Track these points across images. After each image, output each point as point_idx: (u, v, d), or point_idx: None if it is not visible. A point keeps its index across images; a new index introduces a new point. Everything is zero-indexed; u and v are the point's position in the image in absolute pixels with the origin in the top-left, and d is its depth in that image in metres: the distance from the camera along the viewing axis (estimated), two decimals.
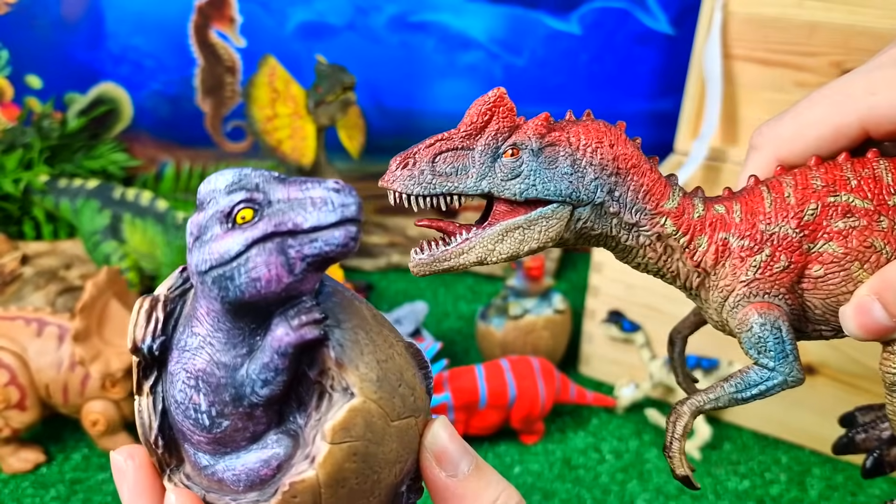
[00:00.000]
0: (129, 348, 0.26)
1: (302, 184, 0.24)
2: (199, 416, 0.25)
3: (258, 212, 0.24)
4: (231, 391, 0.25)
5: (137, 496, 0.27)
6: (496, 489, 0.27)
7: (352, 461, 0.24)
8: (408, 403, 0.26)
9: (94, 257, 0.82)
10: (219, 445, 0.26)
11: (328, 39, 0.99)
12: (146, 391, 0.27)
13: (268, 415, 0.25)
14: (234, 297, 0.24)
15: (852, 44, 0.78)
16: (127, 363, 0.61)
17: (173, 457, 0.27)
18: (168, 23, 0.98)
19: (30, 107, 0.99)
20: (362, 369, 0.25)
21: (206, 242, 0.24)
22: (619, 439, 0.70)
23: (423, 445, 0.27)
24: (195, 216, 0.25)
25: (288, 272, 0.23)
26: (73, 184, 0.86)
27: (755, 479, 0.66)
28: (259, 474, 0.25)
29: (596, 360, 0.78)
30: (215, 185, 0.24)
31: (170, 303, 0.27)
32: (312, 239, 0.23)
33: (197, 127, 1.03)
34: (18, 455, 0.65)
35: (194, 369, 0.25)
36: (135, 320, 0.26)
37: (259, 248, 0.23)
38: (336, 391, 0.25)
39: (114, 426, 0.63)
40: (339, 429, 0.24)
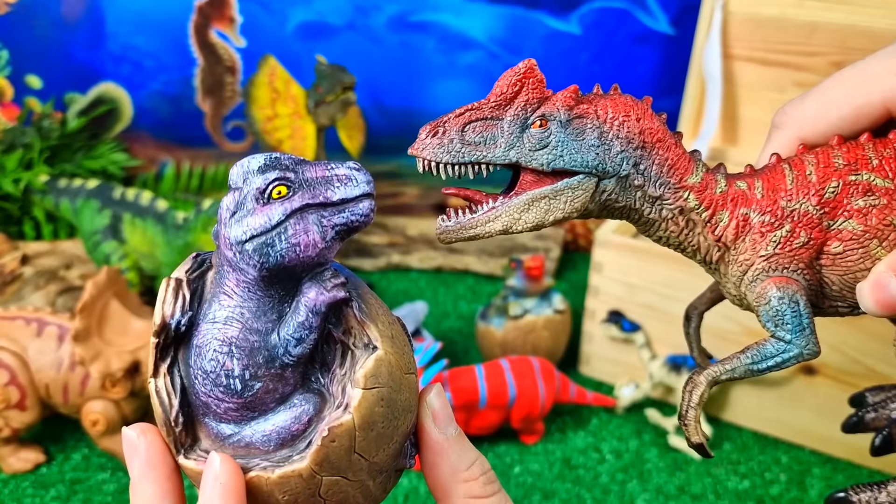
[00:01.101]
0: (156, 327, 0.27)
1: (326, 164, 0.28)
2: (231, 381, 0.27)
3: (291, 188, 0.27)
4: (264, 353, 0.27)
5: (149, 471, 0.28)
6: (475, 452, 0.31)
7: (380, 405, 0.27)
8: (410, 361, 0.29)
9: (94, 257, 0.82)
10: (247, 410, 0.28)
11: (328, 39, 0.99)
12: (163, 373, 0.28)
13: (295, 376, 0.28)
14: (275, 262, 0.26)
15: (852, 44, 0.78)
16: (127, 363, 0.61)
17: (188, 436, 0.29)
18: (168, 23, 0.98)
19: (30, 107, 0.99)
20: (380, 326, 0.28)
21: (244, 216, 0.26)
22: (619, 439, 0.70)
23: (424, 403, 0.30)
24: (229, 196, 0.27)
25: (322, 238, 0.27)
26: (73, 184, 0.86)
27: (755, 479, 0.66)
28: (290, 431, 0.27)
29: (596, 360, 0.78)
30: (248, 167, 0.27)
31: (192, 283, 0.29)
32: (340, 210, 0.27)
33: (197, 127, 1.03)
34: (18, 455, 0.65)
35: (226, 337, 0.27)
36: (163, 298, 0.28)
37: (296, 217, 0.26)
38: (358, 348, 0.28)
39: (114, 426, 0.63)
40: (370, 375, 0.27)
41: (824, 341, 0.66)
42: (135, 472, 0.28)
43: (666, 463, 0.68)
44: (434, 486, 0.30)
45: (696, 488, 0.65)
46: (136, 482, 0.28)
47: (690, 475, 0.66)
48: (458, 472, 0.30)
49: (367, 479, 0.28)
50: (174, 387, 0.28)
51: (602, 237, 0.74)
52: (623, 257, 0.73)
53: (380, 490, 0.29)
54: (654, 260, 0.71)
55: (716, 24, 0.84)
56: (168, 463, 0.28)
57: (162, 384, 0.28)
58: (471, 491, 0.30)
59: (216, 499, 0.26)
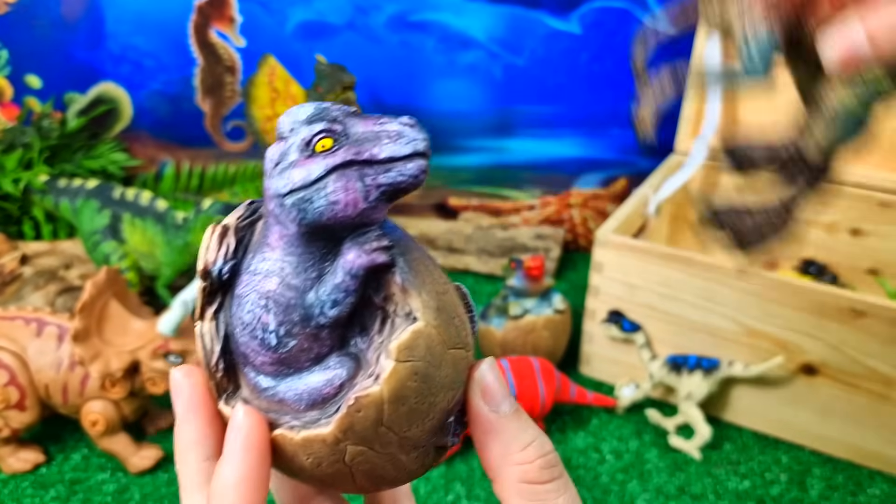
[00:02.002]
0: (199, 272, 0.27)
1: (378, 119, 0.26)
2: (266, 335, 0.26)
3: (337, 141, 0.25)
4: (300, 311, 0.26)
5: (191, 411, 0.28)
6: (532, 433, 0.28)
7: (413, 380, 0.25)
8: (461, 336, 0.27)
9: (93, 257, 0.82)
10: (282, 366, 0.27)
11: (328, 39, 0.99)
12: (209, 316, 0.28)
13: (332, 337, 0.27)
14: (312, 219, 0.25)
15: None
16: (126, 363, 0.61)
17: (231, 382, 0.28)
18: (168, 22, 0.98)
19: (29, 106, 0.99)
20: (424, 297, 0.26)
21: (287, 168, 0.25)
22: (619, 439, 0.70)
23: (473, 379, 0.28)
24: (275, 146, 0.26)
25: (363, 198, 0.25)
26: (72, 183, 0.86)
27: (755, 479, 0.66)
28: (321, 393, 0.26)
29: (596, 360, 0.78)
30: (296, 116, 0.26)
31: (240, 231, 0.28)
32: (387, 169, 0.25)
33: (197, 127, 1.03)
34: (18, 455, 0.65)
35: (265, 291, 0.26)
36: (207, 244, 0.27)
37: (338, 174, 0.25)
38: (399, 316, 0.26)
39: (113, 426, 0.63)
40: (404, 348, 0.25)
41: (825, 341, 0.66)
42: (178, 411, 0.28)
43: (666, 463, 0.67)
44: (486, 467, 0.28)
45: (696, 488, 0.65)
46: (178, 424, 0.29)
47: (691, 475, 0.66)
48: (510, 453, 0.28)
49: (399, 452, 0.27)
50: (217, 332, 0.28)
51: (602, 237, 0.74)
52: (623, 257, 0.73)
53: (416, 465, 0.28)
54: (655, 260, 0.71)
55: None
56: (209, 407, 0.28)
57: (206, 328, 0.28)
58: (525, 475, 0.27)
59: (236, 449, 0.26)
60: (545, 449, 0.28)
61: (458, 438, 0.29)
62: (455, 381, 0.27)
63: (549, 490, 0.27)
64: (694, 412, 0.69)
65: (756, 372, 0.68)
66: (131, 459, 0.64)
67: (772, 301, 0.66)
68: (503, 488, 0.28)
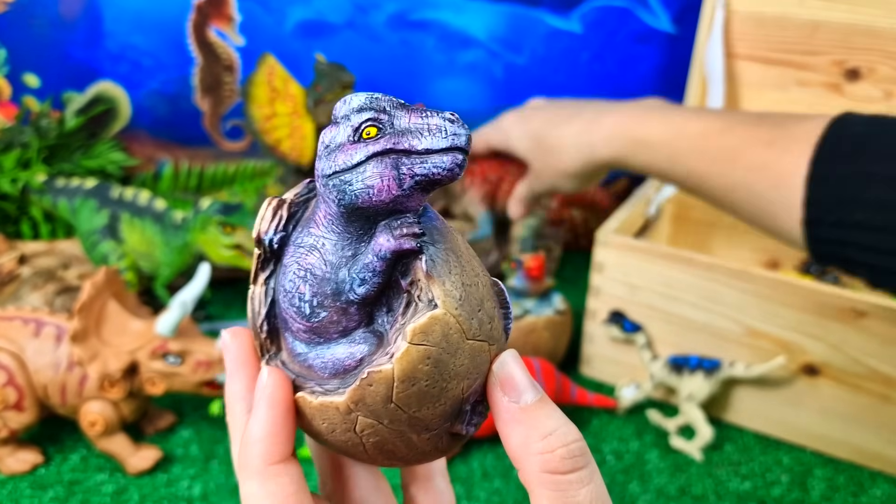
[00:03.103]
0: (253, 239, 0.29)
1: (423, 112, 0.27)
2: (302, 304, 0.28)
3: (381, 130, 0.27)
4: (332, 286, 0.28)
5: (236, 369, 0.31)
6: (556, 422, 0.28)
7: (425, 363, 0.26)
8: (484, 329, 0.28)
9: (92, 257, 0.82)
10: (314, 335, 0.29)
11: (327, 38, 0.99)
12: (261, 282, 0.30)
13: (360, 314, 0.28)
14: (349, 201, 0.27)
15: (854, 43, 0.77)
16: (125, 363, 0.61)
17: (274, 344, 0.31)
18: (166, 21, 0.97)
19: (27, 106, 0.99)
20: (448, 286, 0.27)
21: (334, 151, 0.27)
22: (620, 440, 0.70)
23: (492, 370, 0.29)
24: (329, 129, 0.28)
25: (398, 186, 0.26)
26: (70, 183, 0.86)
27: (757, 480, 0.66)
28: (343, 364, 0.28)
29: (597, 361, 0.78)
30: (350, 104, 0.28)
31: (294, 206, 0.30)
32: (423, 160, 0.26)
33: (195, 126, 1.03)
34: (16, 456, 0.64)
35: (305, 263, 0.28)
36: (262, 215, 0.29)
37: (377, 161, 0.26)
38: (422, 301, 0.27)
39: (112, 427, 0.63)
40: (419, 331, 0.26)
41: (826, 342, 0.66)
42: (227, 369, 0.31)
43: (667, 464, 0.67)
44: (510, 457, 0.29)
45: (697, 489, 0.65)
46: (227, 379, 0.32)
47: (692, 476, 0.66)
48: (530, 442, 0.27)
49: (409, 431, 0.28)
50: (265, 297, 0.30)
51: (603, 237, 0.74)
52: (624, 257, 0.72)
53: (428, 446, 0.29)
54: (656, 260, 0.71)
55: (717, 23, 0.84)
56: (254, 364, 0.31)
57: (257, 293, 0.30)
58: (547, 465, 0.27)
59: (262, 406, 0.28)
60: (568, 438, 0.27)
61: (474, 428, 0.30)
62: (471, 371, 0.28)
63: (571, 480, 0.27)
64: (695, 413, 0.69)
65: (757, 372, 0.67)
66: (130, 460, 0.64)
67: (773, 301, 0.66)
68: (526, 477, 0.28)
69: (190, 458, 0.67)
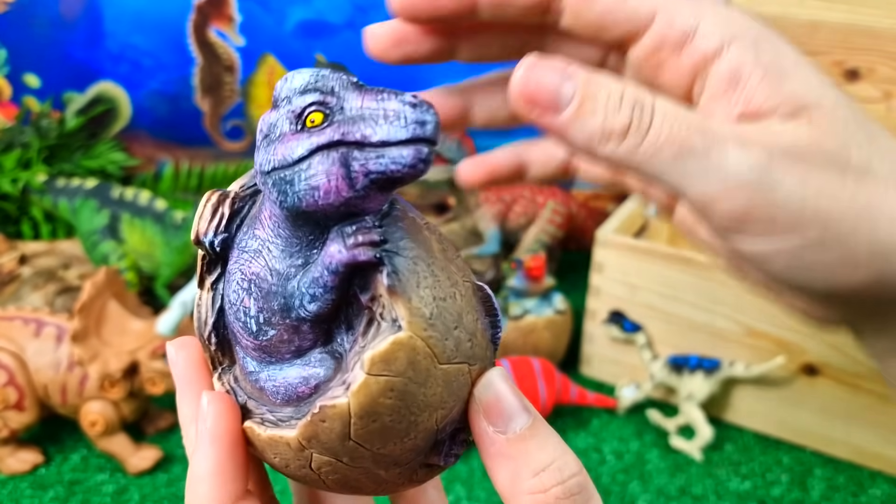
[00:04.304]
0: (192, 240, 0.26)
1: (378, 94, 0.22)
2: (247, 319, 0.24)
3: (328, 117, 0.22)
4: (280, 300, 0.24)
5: (187, 385, 0.27)
6: (551, 453, 0.24)
7: (387, 396, 0.22)
8: (462, 348, 0.24)
9: (92, 257, 0.82)
10: (264, 353, 0.25)
11: (328, 38, 0.99)
12: (207, 286, 0.26)
13: (315, 332, 0.24)
14: (292, 203, 0.22)
15: (854, 43, 0.77)
16: (125, 363, 0.61)
17: (226, 356, 0.27)
18: (167, 22, 0.98)
19: (28, 106, 0.99)
20: (415, 302, 0.23)
21: (273, 142, 0.23)
22: (620, 440, 0.70)
23: (473, 394, 0.24)
24: (267, 114, 0.24)
25: (348, 186, 0.22)
26: (71, 183, 0.86)
27: (756, 479, 0.66)
28: (297, 391, 0.24)
29: (597, 361, 0.78)
30: (291, 83, 0.23)
31: (239, 200, 0.26)
32: (379, 154, 0.22)
33: (196, 126, 1.03)
34: (17, 456, 0.64)
35: (249, 272, 0.24)
36: (200, 213, 0.25)
37: (322, 155, 0.22)
38: (385, 320, 0.23)
39: (112, 427, 0.63)
40: (379, 360, 0.22)
41: (826, 341, 0.65)
42: (177, 388, 0.27)
43: (667, 464, 0.67)
44: (499, 492, 0.24)
45: (697, 489, 0.65)
46: (178, 400, 0.27)
47: (692, 476, 0.66)
48: (520, 480, 0.23)
49: (374, 468, 0.24)
50: (213, 304, 0.26)
51: (603, 237, 0.74)
52: (624, 257, 0.72)
53: (400, 479, 0.25)
54: (656, 260, 0.71)
55: None
56: (205, 380, 0.27)
57: (203, 299, 0.26)
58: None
59: (204, 440, 0.24)
60: (565, 473, 0.24)
61: (454, 458, 0.26)
62: (446, 399, 0.24)
63: None
64: (695, 413, 0.69)
65: (757, 372, 0.67)
66: (130, 460, 0.64)
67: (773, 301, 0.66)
68: None
69: None
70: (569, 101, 0.25)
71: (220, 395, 0.25)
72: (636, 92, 0.25)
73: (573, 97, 0.25)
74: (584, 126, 0.25)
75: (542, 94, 0.25)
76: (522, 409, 0.24)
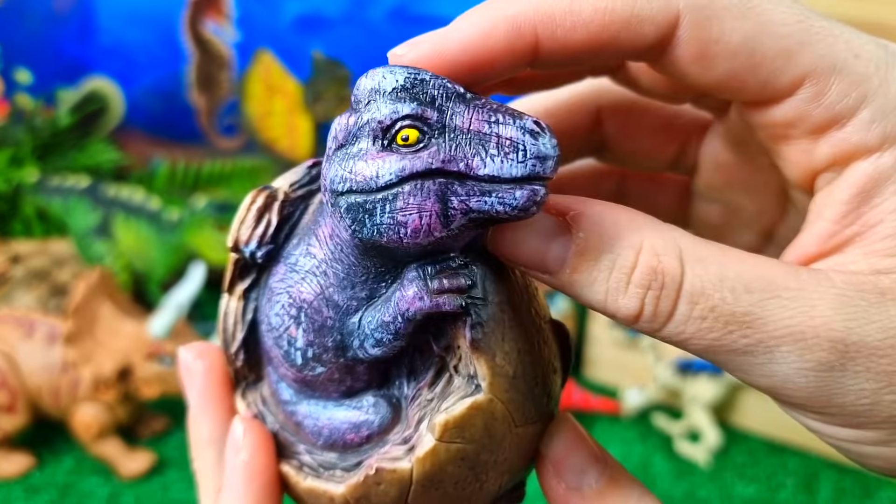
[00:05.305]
0: (228, 246, 0.22)
1: (492, 112, 0.18)
2: (292, 350, 0.21)
3: (426, 135, 0.18)
4: (336, 337, 0.21)
5: (206, 403, 0.24)
6: None
7: (457, 465, 0.20)
8: (540, 407, 0.21)
9: (85, 257, 0.81)
10: (305, 386, 0.22)
11: (325, 33, 0.98)
12: (238, 293, 0.23)
13: (371, 373, 0.21)
14: (369, 236, 0.19)
15: None
16: (120, 364, 0.60)
17: (252, 371, 0.24)
18: (160, 17, 0.96)
19: (20, 103, 0.98)
20: (499, 360, 0.20)
21: (352, 157, 0.19)
22: (624, 444, 0.69)
23: (540, 454, 0.22)
24: (344, 117, 0.19)
25: (443, 225, 0.18)
26: (64, 182, 0.85)
27: (762, 484, 0.65)
28: (344, 437, 0.22)
29: (601, 364, 0.77)
30: (380, 83, 0.19)
31: (289, 204, 0.22)
32: (485, 191, 0.18)
33: (189, 123, 1.01)
34: (9, 459, 0.63)
35: (299, 298, 0.21)
36: (242, 216, 0.22)
37: (415, 184, 0.18)
38: (460, 374, 0.20)
39: (105, 430, 0.62)
40: (453, 426, 0.19)
41: None
42: (191, 403, 0.24)
43: (672, 468, 0.66)
44: None
45: (702, 493, 0.64)
46: (192, 417, 0.24)
47: (696, 480, 0.65)
48: None
49: None
50: (243, 316, 0.23)
51: None
52: None
53: None
54: None
55: None
56: (227, 398, 0.24)
57: (232, 307, 0.23)
58: None
59: (237, 478, 0.22)
60: None
61: None
62: (515, 463, 0.21)
63: None
64: (701, 416, 0.68)
65: None
66: (124, 464, 0.63)
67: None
68: None
69: (185, 462, 0.65)
70: (560, 264, 0.19)
71: (256, 424, 0.22)
72: (656, 262, 0.19)
73: (565, 263, 0.19)
74: (583, 295, 0.20)
75: (524, 255, 0.20)
76: (594, 461, 0.21)
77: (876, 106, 0.19)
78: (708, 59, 0.20)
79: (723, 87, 0.20)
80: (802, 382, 0.19)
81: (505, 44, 0.19)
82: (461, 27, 0.20)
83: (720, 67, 0.20)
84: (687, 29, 0.19)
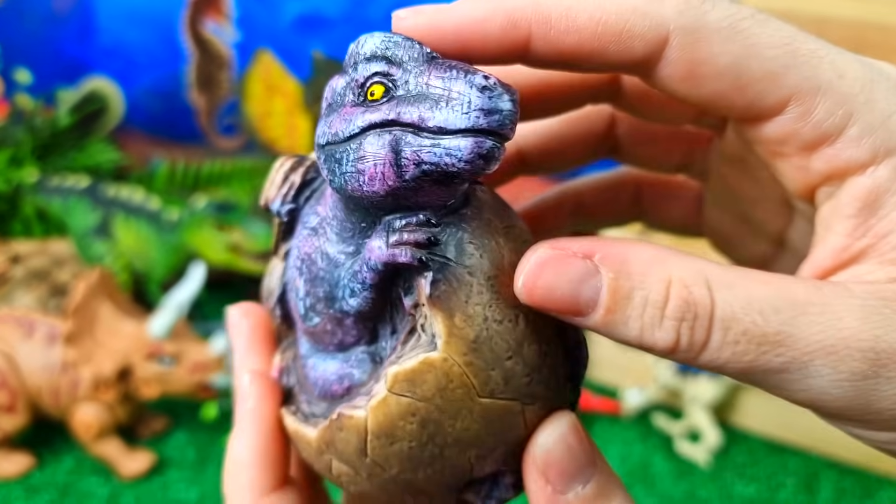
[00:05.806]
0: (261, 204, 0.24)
1: (448, 69, 0.19)
2: (297, 301, 0.23)
3: (389, 91, 0.19)
4: (326, 288, 0.22)
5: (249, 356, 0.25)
6: None
7: (408, 421, 0.20)
8: (514, 383, 0.20)
9: (85, 257, 0.81)
10: (313, 339, 0.23)
11: (325, 33, 0.98)
12: (281, 254, 0.24)
13: (359, 329, 0.22)
14: (339, 185, 0.20)
15: (863, 38, 0.76)
16: (120, 364, 0.60)
17: (291, 330, 0.25)
18: (160, 16, 0.96)
19: (20, 104, 0.98)
20: (458, 321, 0.20)
21: (334, 112, 0.20)
22: (624, 444, 0.69)
23: (528, 450, 0.21)
24: (335, 79, 0.21)
25: (396, 175, 0.19)
26: (64, 182, 0.85)
27: (763, 483, 0.65)
28: (330, 388, 0.23)
29: (601, 364, 0.77)
30: (362, 47, 0.20)
31: (313, 170, 0.23)
32: (434, 143, 0.18)
33: (190, 123, 1.01)
34: (9, 459, 0.63)
35: (304, 250, 0.22)
36: (272, 178, 0.24)
37: (374, 135, 0.19)
38: (425, 334, 0.20)
39: (105, 430, 0.62)
40: (403, 379, 0.20)
41: None
42: (235, 357, 0.26)
43: (672, 468, 0.66)
44: None
45: (702, 493, 0.64)
46: (236, 369, 0.25)
47: (697, 480, 0.65)
48: None
49: (396, 490, 0.22)
50: (281, 275, 0.24)
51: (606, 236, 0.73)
52: None
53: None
54: None
55: None
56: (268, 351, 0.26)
57: (275, 266, 0.24)
58: None
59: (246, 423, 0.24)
60: None
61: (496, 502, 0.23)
62: (484, 439, 0.20)
63: None
64: (701, 417, 0.68)
65: None
66: (123, 464, 0.63)
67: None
68: None
69: (185, 462, 0.65)
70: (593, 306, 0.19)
71: (263, 375, 0.24)
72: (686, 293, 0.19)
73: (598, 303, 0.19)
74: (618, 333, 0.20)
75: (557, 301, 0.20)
76: (586, 466, 0.21)
77: (863, 122, 0.20)
78: (695, 79, 0.20)
79: (711, 105, 0.21)
80: (839, 393, 0.19)
81: (499, 33, 0.20)
82: (461, 8, 0.20)
83: (707, 87, 0.21)
84: (675, 50, 0.20)
